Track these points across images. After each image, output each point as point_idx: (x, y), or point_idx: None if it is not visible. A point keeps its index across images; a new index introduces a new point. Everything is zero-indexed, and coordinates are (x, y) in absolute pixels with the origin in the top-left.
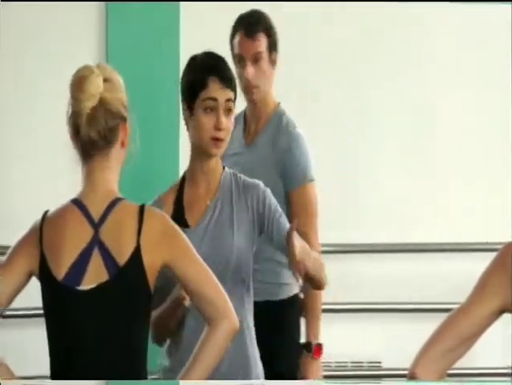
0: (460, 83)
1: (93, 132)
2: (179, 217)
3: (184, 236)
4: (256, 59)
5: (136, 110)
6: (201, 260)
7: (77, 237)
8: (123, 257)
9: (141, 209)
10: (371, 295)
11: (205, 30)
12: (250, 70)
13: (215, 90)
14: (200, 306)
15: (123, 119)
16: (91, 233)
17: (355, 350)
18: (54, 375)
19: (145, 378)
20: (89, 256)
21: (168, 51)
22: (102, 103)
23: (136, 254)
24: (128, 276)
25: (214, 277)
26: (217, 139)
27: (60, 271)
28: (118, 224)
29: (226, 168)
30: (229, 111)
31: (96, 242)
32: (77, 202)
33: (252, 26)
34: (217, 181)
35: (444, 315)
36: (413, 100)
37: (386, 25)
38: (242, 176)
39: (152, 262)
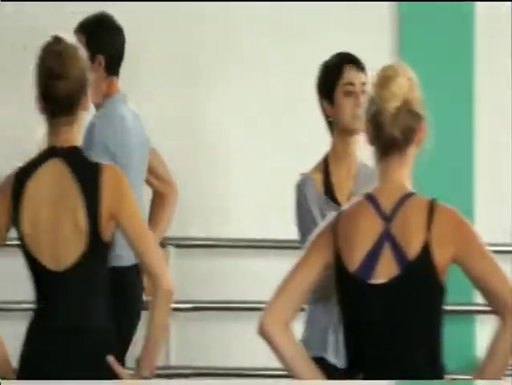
0: None
1: (397, 132)
2: (331, 196)
3: (476, 231)
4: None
5: (430, 109)
6: (489, 253)
7: (369, 230)
8: (412, 251)
9: (432, 204)
10: None
11: (503, 30)
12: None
13: (353, 76)
14: (487, 301)
15: (422, 119)
16: (383, 227)
17: None
18: (350, 364)
19: (442, 370)
20: (380, 250)
21: (461, 51)
22: (405, 103)
23: (426, 249)
24: (418, 271)
25: (502, 271)
26: (358, 116)
27: (353, 264)
28: (408, 218)
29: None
30: (363, 92)
31: (387, 236)
32: (370, 197)
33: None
34: (355, 167)
35: None
36: None
37: None
38: (367, 164)
39: (441, 257)
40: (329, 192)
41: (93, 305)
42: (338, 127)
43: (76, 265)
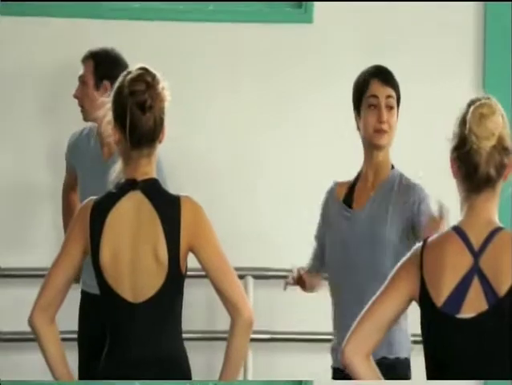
0: None
1: (492, 170)
2: (347, 200)
3: None
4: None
5: None
6: None
7: (457, 264)
8: (503, 287)
9: None
10: None
11: None
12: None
13: (376, 88)
14: None
15: (511, 153)
16: (471, 261)
17: None
18: None
19: None
20: (469, 284)
21: None
22: (499, 140)
23: None
24: (507, 307)
25: None
26: (379, 131)
27: (440, 298)
28: (498, 253)
29: (396, 168)
30: (390, 107)
31: (476, 271)
32: (458, 230)
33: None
34: (383, 177)
35: None
36: None
37: None
38: (406, 176)
39: None
40: (348, 198)
41: (168, 335)
42: (364, 141)
43: (155, 297)
